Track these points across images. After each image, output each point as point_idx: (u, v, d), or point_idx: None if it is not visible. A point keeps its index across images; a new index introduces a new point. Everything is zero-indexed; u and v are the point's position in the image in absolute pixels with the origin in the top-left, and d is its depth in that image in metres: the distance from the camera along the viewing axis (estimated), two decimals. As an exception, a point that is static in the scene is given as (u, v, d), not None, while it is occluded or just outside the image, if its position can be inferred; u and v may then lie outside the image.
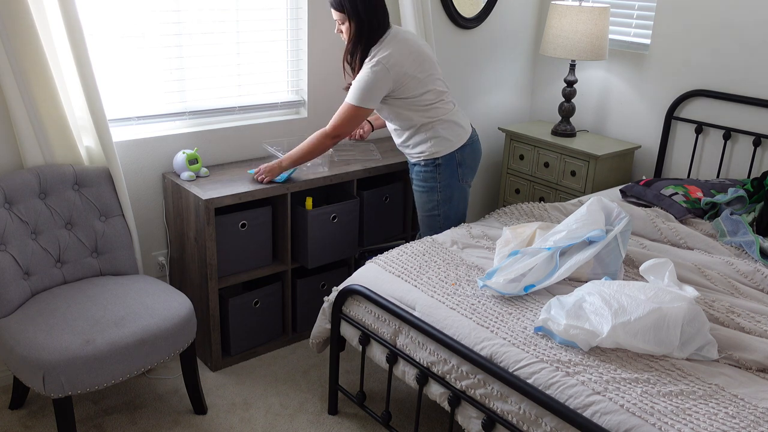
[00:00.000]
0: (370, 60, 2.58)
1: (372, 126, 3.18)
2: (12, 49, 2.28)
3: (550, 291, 2.25)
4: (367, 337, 2.35)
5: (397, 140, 2.83)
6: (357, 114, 2.63)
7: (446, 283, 2.30)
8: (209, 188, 2.70)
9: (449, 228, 2.78)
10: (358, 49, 2.62)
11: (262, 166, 2.80)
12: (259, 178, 2.78)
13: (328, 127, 2.68)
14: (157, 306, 2.33)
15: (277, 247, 2.98)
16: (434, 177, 2.76)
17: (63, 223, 2.49)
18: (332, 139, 2.69)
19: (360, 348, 2.40)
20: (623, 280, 2.31)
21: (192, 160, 2.78)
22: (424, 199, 2.82)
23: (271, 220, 2.90)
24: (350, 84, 2.67)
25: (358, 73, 2.64)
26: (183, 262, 2.87)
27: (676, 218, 2.88)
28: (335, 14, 2.63)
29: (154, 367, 2.68)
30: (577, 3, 3.54)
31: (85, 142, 2.59)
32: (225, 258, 2.78)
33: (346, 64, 2.70)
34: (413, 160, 2.81)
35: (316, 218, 2.90)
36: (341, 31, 2.67)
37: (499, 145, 4.02)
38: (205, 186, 2.72)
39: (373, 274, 2.41)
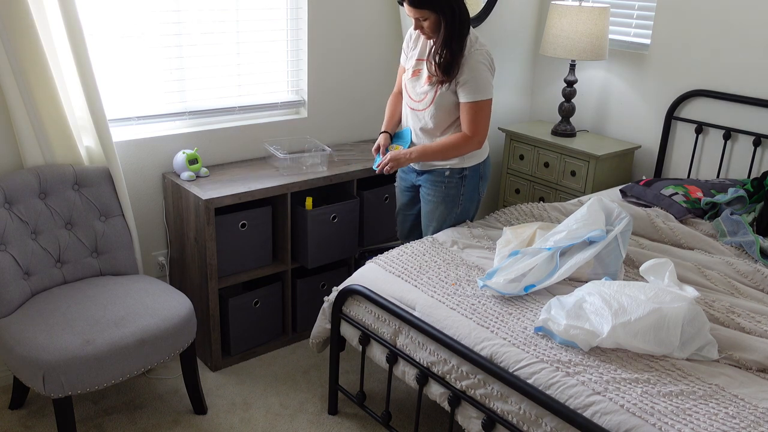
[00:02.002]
0: (476, 51, 2.43)
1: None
2: (12, 49, 2.28)
3: (551, 291, 2.24)
4: (367, 337, 2.35)
5: (428, 141, 2.62)
6: (490, 108, 2.49)
7: (446, 283, 2.30)
8: (209, 188, 2.70)
9: None
10: (451, 46, 2.40)
11: (389, 155, 2.57)
12: (386, 169, 2.57)
13: (470, 132, 2.49)
14: (157, 306, 2.33)
15: (277, 247, 2.98)
16: (457, 188, 2.64)
17: (63, 223, 2.49)
18: (477, 144, 2.53)
19: (360, 348, 2.40)
20: (623, 280, 2.31)
21: (192, 160, 2.78)
22: (442, 210, 2.69)
23: (271, 220, 2.90)
24: (434, 81, 2.49)
25: (443, 68, 2.44)
26: (183, 262, 2.87)
27: (676, 218, 2.88)
28: (413, 11, 2.40)
29: (154, 367, 2.68)
30: (577, 3, 3.54)
31: (85, 142, 2.59)
32: (225, 258, 2.78)
33: (431, 63, 2.47)
34: (435, 167, 2.65)
35: (316, 218, 2.90)
36: (421, 28, 2.44)
37: (499, 145, 4.02)
38: (205, 186, 2.72)
39: (373, 274, 2.41)
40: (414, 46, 2.65)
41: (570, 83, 3.68)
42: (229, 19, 2.94)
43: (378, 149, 2.72)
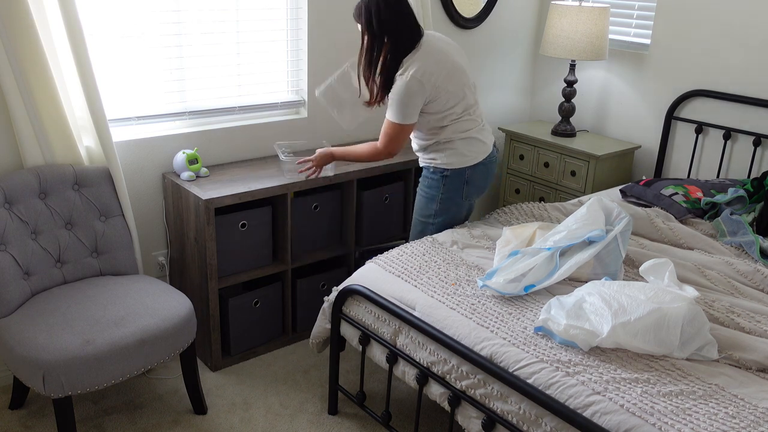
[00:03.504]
0: (403, 73, 2.49)
1: None
2: (12, 49, 2.28)
3: (550, 291, 2.25)
4: (367, 337, 2.35)
5: (413, 145, 2.76)
6: (402, 130, 2.56)
7: (446, 283, 2.30)
8: (209, 188, 2.70)
9: None
10: (371, 64, 2.54)
11: (314, 157, 2.75)
12: (309, 173, 2.77)
13: (379, 144, 2.63)
14: (157, 306, 2.33)
15: (277, 247, 2.98)
16: (438, 187, 2.69)
17: (63, 223, 2.49)
18: (385, 155, 2.65)
19: (360, 348, 2.40)
20: (623, 280, 2.31)
21: (192, 160, 2.78)
22: (422, 204, 2.77)
23: (271, 219, 2.90)
24: (369, 98, 2.64)
25: (371, 85, 2.58)
26: (183, 262, 2.87)
27: (676, 218, 2.88)
28: (357, 24, 2.56)
29: (154, 367, 2.68)
30: (577, 3, 3.54)
31: (85, 142, 2.59)
32: (225, 258, 2.78)
33: (360, 76, 2.61)
34: (422, 164, 2.76)
35: (300, 206, 2.88)
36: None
37: (499, 145, 4.02)
38: (205, 186, 2.72)
39: (373, 274, 2.41)
40: None
41: (570, 83, 3.68)
42: (229, 19, 2.94)
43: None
